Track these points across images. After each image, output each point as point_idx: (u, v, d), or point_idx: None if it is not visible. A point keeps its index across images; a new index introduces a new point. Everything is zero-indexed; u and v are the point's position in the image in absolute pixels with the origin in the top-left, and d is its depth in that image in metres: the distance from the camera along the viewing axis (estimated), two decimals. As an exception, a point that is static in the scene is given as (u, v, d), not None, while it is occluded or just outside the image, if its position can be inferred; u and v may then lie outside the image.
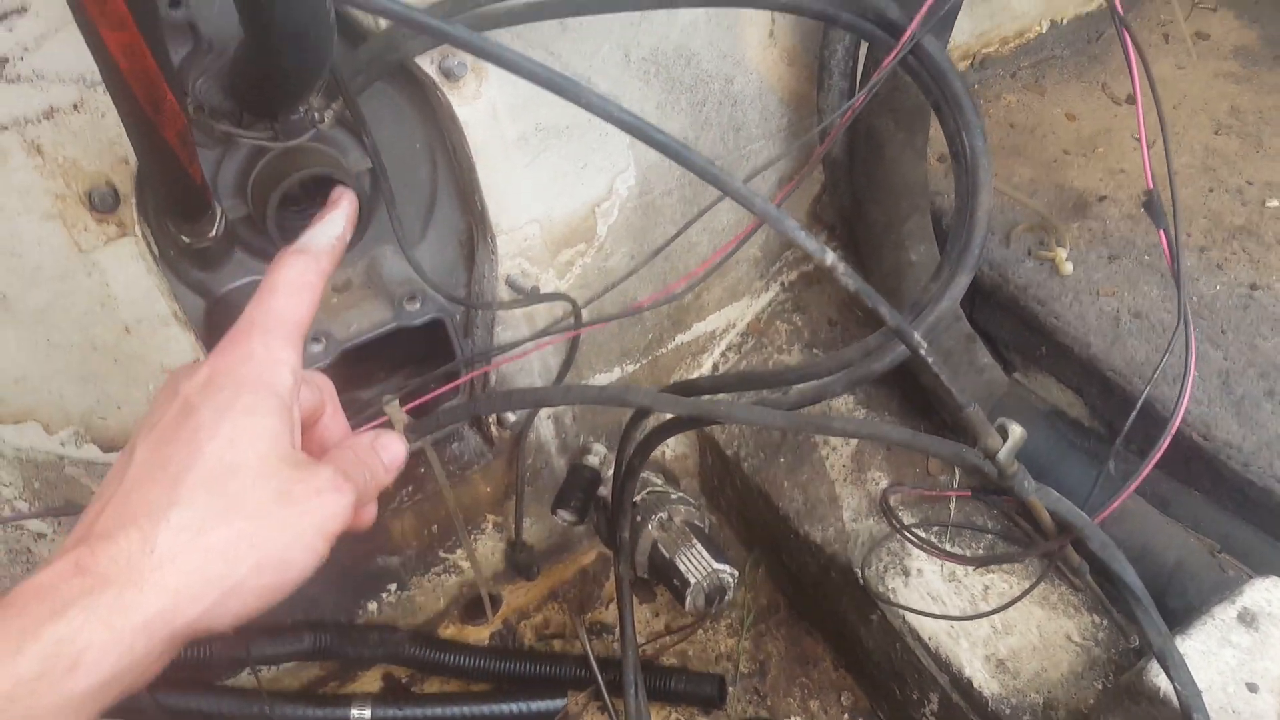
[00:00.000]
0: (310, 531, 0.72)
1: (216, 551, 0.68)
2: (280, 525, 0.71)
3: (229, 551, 0.68)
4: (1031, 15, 2.35)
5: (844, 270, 0.80)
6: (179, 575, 0.66)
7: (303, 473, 0.74)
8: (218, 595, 0.68)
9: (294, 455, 0.74)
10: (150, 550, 0.66)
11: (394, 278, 1.66)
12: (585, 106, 0.75)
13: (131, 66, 0.92)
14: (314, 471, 0.74)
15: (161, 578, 0.65)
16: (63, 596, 0.63)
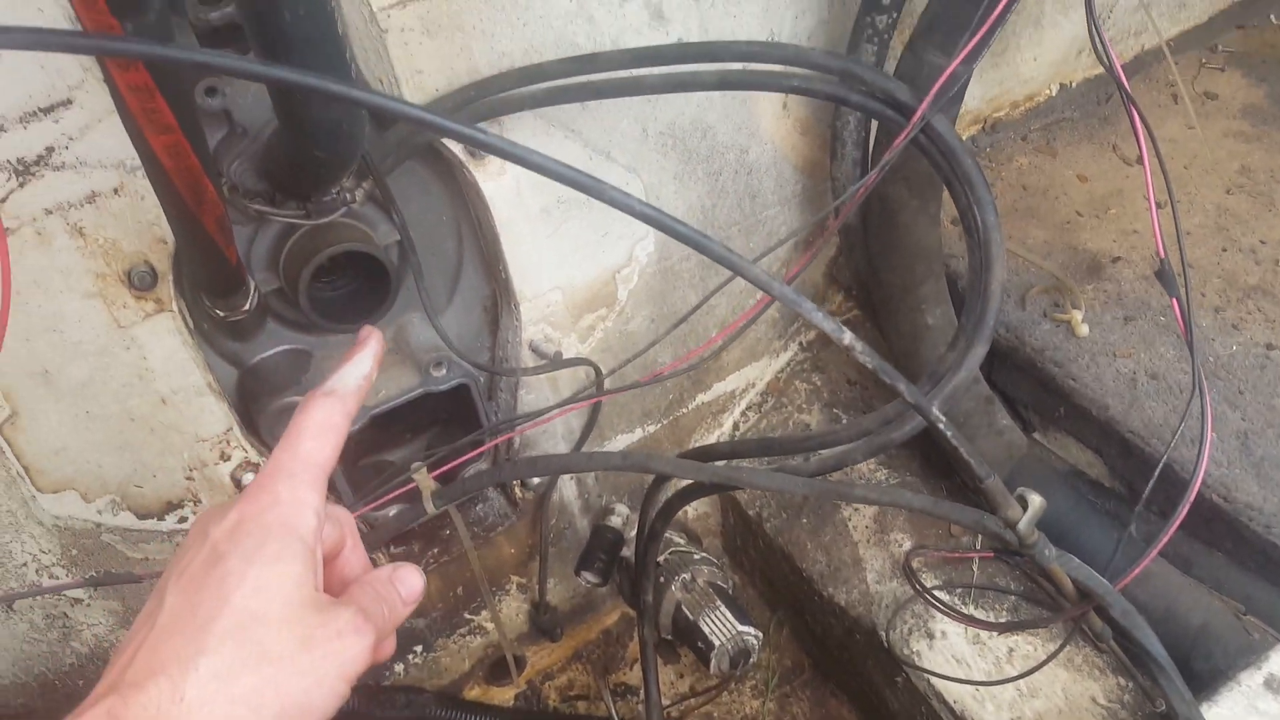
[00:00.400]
0: (332, 675, 0.74)
1: (242, 699, 0.69)
2: (303, 671, 0.72)
3: (254, 699, 0.69)
4: (1040, 79, 2.39)
5: (862, 349, 0.83)
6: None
7: (324, 616, 0.75)
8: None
9: (316, 599, 0.76)
10: (179, 699, 0.67)
11: (421, 345, 1.70)
12: (609, 203, 0.78)
13: (175, 165, 0.97)
14: (335, 614, 0.76)
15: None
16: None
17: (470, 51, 1.47)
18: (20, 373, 1.40)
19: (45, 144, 1.28)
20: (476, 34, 1.46)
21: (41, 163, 1.29)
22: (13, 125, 1.25)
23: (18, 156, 1.27)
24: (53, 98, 1.25)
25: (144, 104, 0.83)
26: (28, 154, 1.27)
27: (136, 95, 0.81)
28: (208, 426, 1.58)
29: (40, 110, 1.26)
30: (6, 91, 1.22)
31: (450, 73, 1.47)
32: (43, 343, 1.40)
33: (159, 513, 1.62)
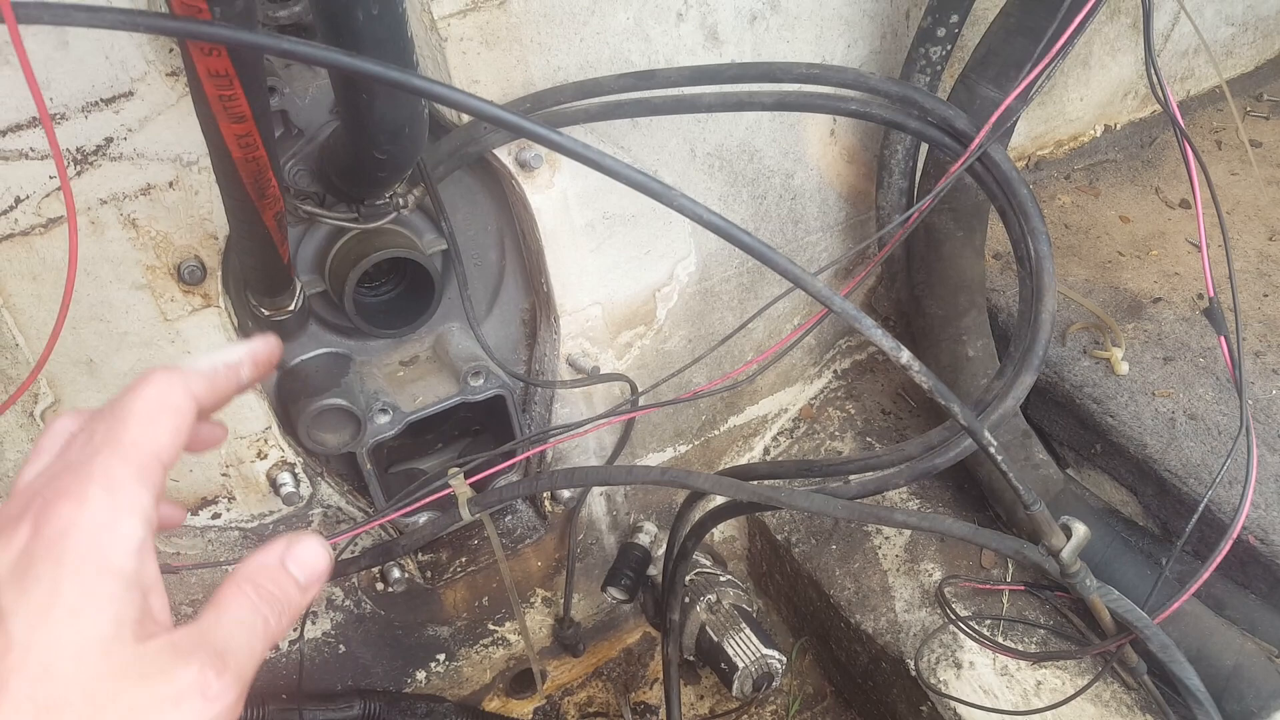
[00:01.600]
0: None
1: None
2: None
3: None
4: (1086, 120, 2.40)
5: (919, 368, 0.84)
6: None
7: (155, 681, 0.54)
8: None
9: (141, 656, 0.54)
10: None
11: (460, 354, 1.71)
12: (678, 209, 0.79)
13: (244, 156, 0.98)
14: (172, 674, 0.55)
15: None
16: None
17: (527, 64, 1.49)
18: (65, 360, 1.42)
19: (105, 134, 1.30)
20: (534, 47, 1.48)
21: (100, 153, 1.30)
22: (74, 114, 1.26)
23: (77, 145, 1.29)
24: (115, 89, 1.27)
25: (221, 91, 0.84)
26: (87, 143, 1.29)
27: (215, 82, 0.83)
28: (247, 424, 1.59)
29: (102, 101, 1.27)
30: (70, 80, 1.24)
31: (506, 84, 1.49)
32: (89, 331, 1.41)
33: (193, 507, 1.63)
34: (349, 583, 1.84)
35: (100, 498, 0.56)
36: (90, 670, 0.52)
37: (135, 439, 0.59)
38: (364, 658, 1.92)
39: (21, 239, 1.30)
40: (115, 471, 0.57)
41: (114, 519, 0.56)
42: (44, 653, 0.52)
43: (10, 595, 0.53)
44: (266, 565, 0.63)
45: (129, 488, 0.57)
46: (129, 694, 0.53)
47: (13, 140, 1.24)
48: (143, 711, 0.53)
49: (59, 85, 1.24)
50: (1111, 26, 2.24)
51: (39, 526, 0.55)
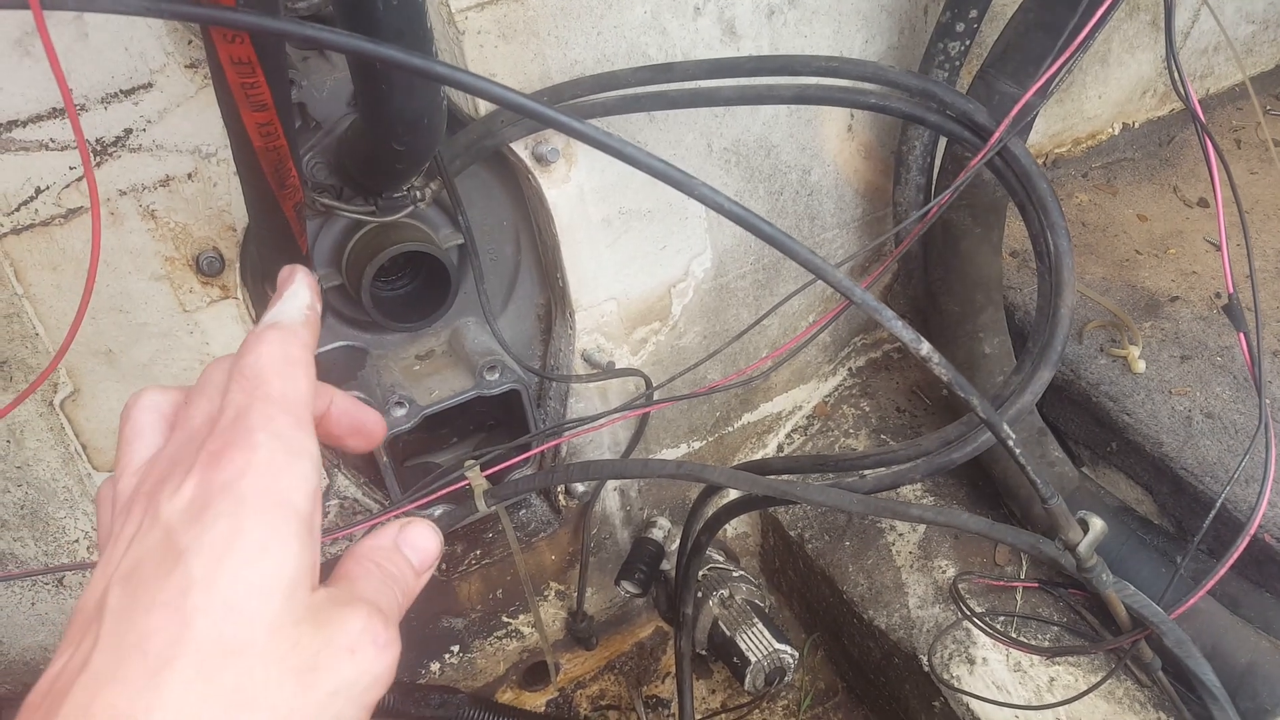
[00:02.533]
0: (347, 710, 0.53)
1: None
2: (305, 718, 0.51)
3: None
4: (1104, 118, 2.39)
5: (939, 361, 0.84)
6: None
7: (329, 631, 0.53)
8: None
9: (314, 606, 0.54)
10: None
11: (476, 348, 1.71)
12: (699, 199, 0.79)
13: (265, 145, 0.98)
14: (343, 624, 0.54)
15: None
16: None
17: (544, 57, 1.49)
18: (84, 350, 1.43)
19: (124, 125, 1.30)
20: (551, 40, 1.48)
21: (119, 144, 1.31)
22: (94, 105, 1.27)
23: (96, 137, 1.29)
24: (134, 80, 1.28)
25: (243, 79, 0.84)
26: (106, 134, 1.30)
27: (237, 70, 0.83)
28: (264, 415, 1.59)
29: (121, 92, 1.28)
30: (90, 72, 1.25)
31: (523, 77, 1.49)
32: (108, 322, 1.42)
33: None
34: (364, 574, 1.84)
35: (270, 443, 0.55)
36: (273, 612, 0.51)
37: (281, 391, 0.58)
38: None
39: (42, 229, 1.31)
40: (277, 420, 0.56)
41: (289, 462, 0.55)
42: (228, 591, 0.50)
43: (188, 535, 0.51)
44: (382, 547, 0.62)
45: (294, 434, 0.56)
46: (309, 639, 0.52)
47: (33, 131, 1.25)
48: (320, 662, 0.52)
49: (78, 77, 1.24)
50: (1131, 24, 2.23)
51: (210, 473, 0.53)
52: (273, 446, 0.54)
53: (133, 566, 0.52)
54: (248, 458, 0.53)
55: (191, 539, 0.51)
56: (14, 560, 1.56)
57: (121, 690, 0.48)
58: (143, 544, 0.53)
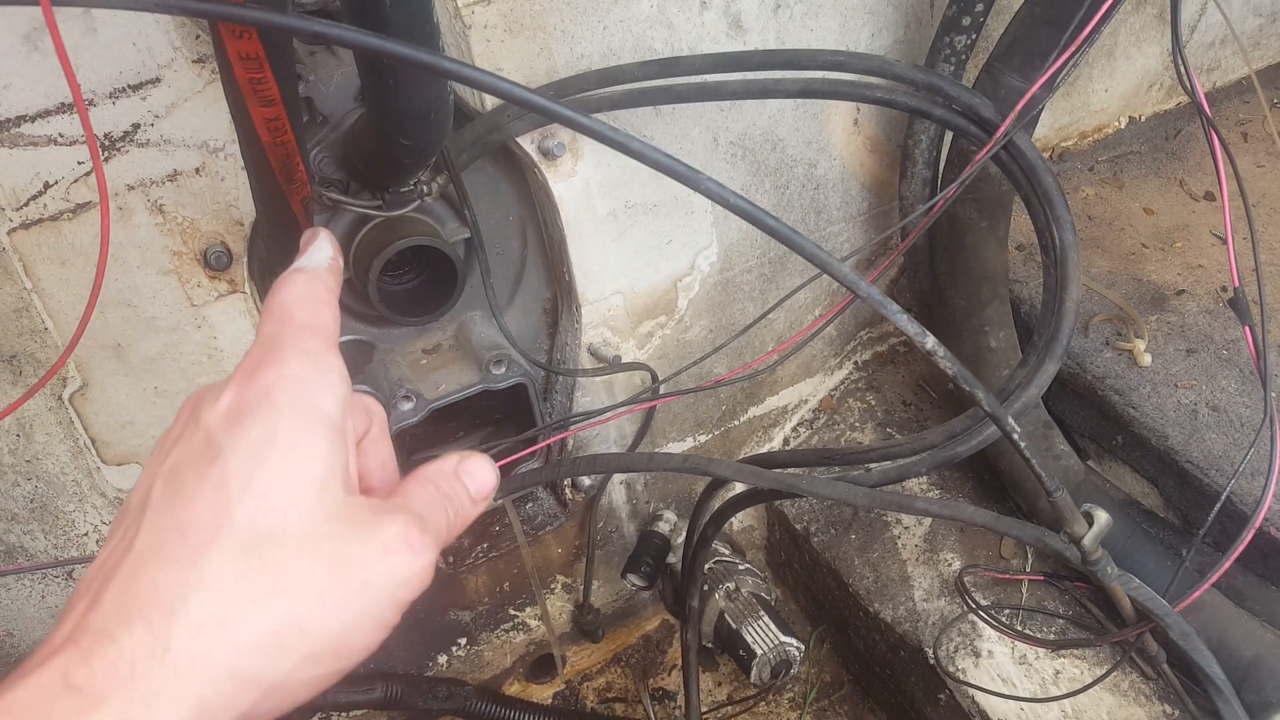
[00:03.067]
0: (379, 605, 0.56)
1: (254, 644, 0.52)
2: (339, 604, 0.54)
3: (271, 643, 0.52)
4: (1110, 111, 2.39)
5: (944, 354, 0.84)
6: (203, 681, 0.50)
7: (364, 529, 0.56)
8: (257, 696, 0.52)
9: (350, 504, 0.57)
10: (164, 651, 0.49)
11: (482, 342, 1.71)
12: (705, 193, 0.79)
13: (273, 140, 0.98)
14: (379, 525, 0.57)
15: (179, 689, 0.49)
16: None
17: (550, 52, 1.49)
18: (93, 345, 1.43)
19: (132, 120, 1.31)
20: (557, 35, 1.48)
21: (127, 139, 1.32)
22: (102, 100, 1.28)
23: (104, 132, 1.30)
24: (142, 75, 1.28)
25: (251, 74, 0.85)
26: (114, 129, 1.30)
27: (245, 65, 0.83)
28: (271, 409, 1.59)
29: (129, 87, 1.29)
30: (98, 67, 1.25)
31: (529, 71, 1.49)
32: (116, 316, 1.43)
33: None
34: (371, 567, 1.85)
35: (300, 359, 0.59)
36: (306, 506, 0.55)
37: (308, 319, 0.62)
38: (386, 641, 1.90)
39: (50, 224, 1.32)
40: (305, 341, 0.60)
41: (318, 374, 0.59)
42: (262, 484, 0.54)
43: (226, 436, 0.56)
44: (443, 471, 0.66)
45: (323, 352, 0.61)
46: (340, 535, 0.55)
47: (42, 126, 1.25)
48: (353, 555, 0.55)
49: (87, 72, 1.25)
50: (1137, 17, 2.23)
51: (244, 386, 0.58)
52: (303, 361, 0.59)
53: (174, 466, 0.56)
54: (280, 371, 0.58)
55: (229, 439, 0.55)
56: (24, 553, 1.56)
57: (163, 568, 0.52)
58: (184, 446, 0.57)
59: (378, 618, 0.56)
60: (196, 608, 0.51)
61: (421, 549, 0.58)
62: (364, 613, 0.55)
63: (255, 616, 0.52)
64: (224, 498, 0.54)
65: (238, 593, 0.52)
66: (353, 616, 0.55)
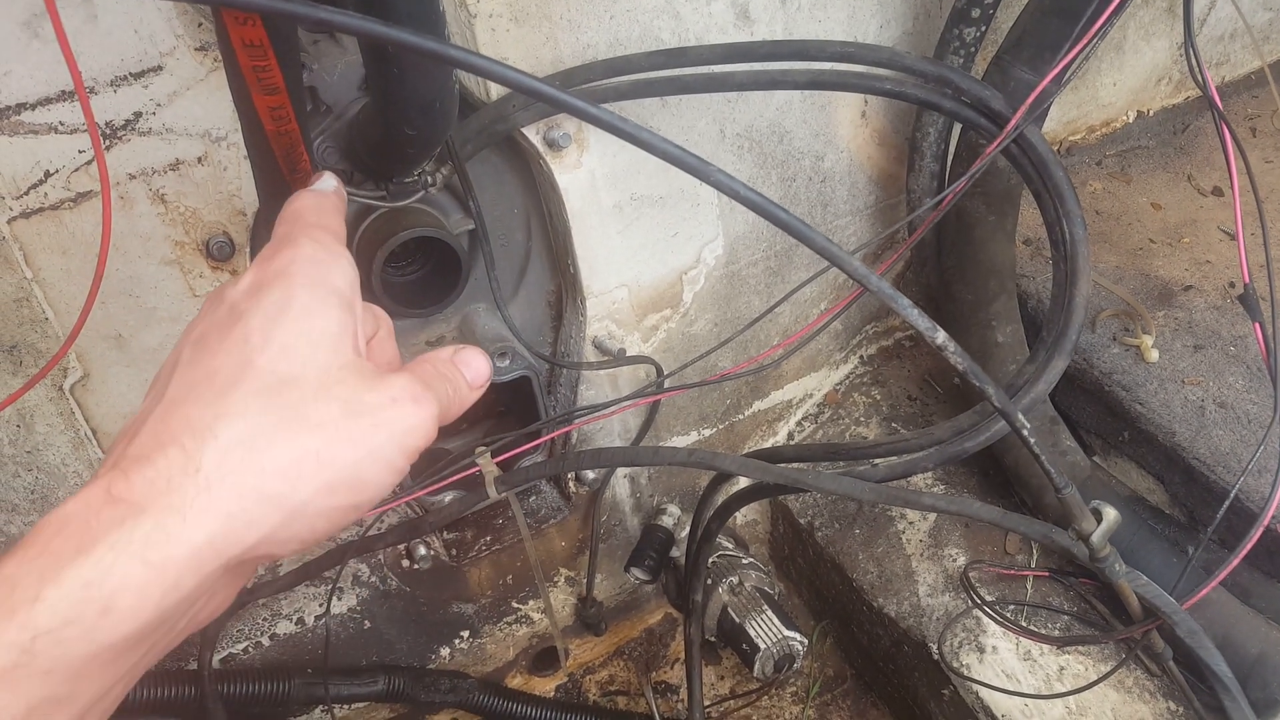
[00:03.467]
0: (388, 446, 0.62)
1: (276, 469, 0.58)
2: (351, 439, 0.60)
3: (291, 469, 0.58)
4: (1119, 105, 2.38)
5: (954, 349, 0.83)
6: (231, 497, 0.56)
7: (373, 381, 0.64)
8: (280, 519, 0.58)
9: (359, 363, 0.64)
10: (195, 470, 0.56)
11: (486, 334, 1.71)
12: (714, 185, 0.78)
13: (276, 129, 0.98)
14: (386, 380, 0.64)
15: (209, 501, 0.55)
16: (90, 531, 0.53)
17: (556, 41, 1.48)
18: (94, 334, 1.42)
19: (133, 109, 1.30)
20: (563, 24, 1.47)
21: (128, 127, 1.31)
22: (103, 88, 1.26)
23: (106, 120, 1.29)
24: (144, 63, 1.27)
25: (255, 62, 0.84)
26: (115, 118, 1.29)
27: (249, 52, 0.83)
28: (274, 400, 1.59)
29: (131, 75, 1.27)
30: (99, 54, 1.24)
31: (535, 61, 1.48)
32: (117, 306, 1.42)
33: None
34: (375, 559, 1.85)
35: (312, 245, 0.68)
36: (321, 358, 0.62)
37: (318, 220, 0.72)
38: (389, 633, 1.93)
39: (51, 213, 1.31)
40: (317, 234, 0.69)
41: (330, 257, 0.68)
42: (281, 338, 0.62)
43: (247, 304, 0.63)
44: (440, 357, 0.73)
45: (333, 243, 0.70)
46: (352, 384, 0.63)
47: (42, 114, 1.24)
48: (364, 401, 0.62)
49: (88, 59, 1.24)
50: (1147, 10, 2.21)
51: (262, 268, 0.66)
52: (315, 247, 0.68)
53: (201, 334, 0.64)
54: (295, 253, 0.67)
55: (250, 306, 0.63)
56: (25, 544, 1.56)
57: (194, 406, 0.59)
58: (209, 319, 0.65)
59: (387, 458, 0.62)
60: (226, 433, 0.57)
61: (425, 402, 0.65)
62: (374, 450, 0.61)
63: (278, 444, 0.58)
64: (247, 350, 0.61)
65: (262, 423, 0.58)
66: (364, 453, 0.61)
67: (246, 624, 1.80)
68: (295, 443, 0.59)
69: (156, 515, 0.54)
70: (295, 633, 1.84)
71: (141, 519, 0.54)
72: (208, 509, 0.56)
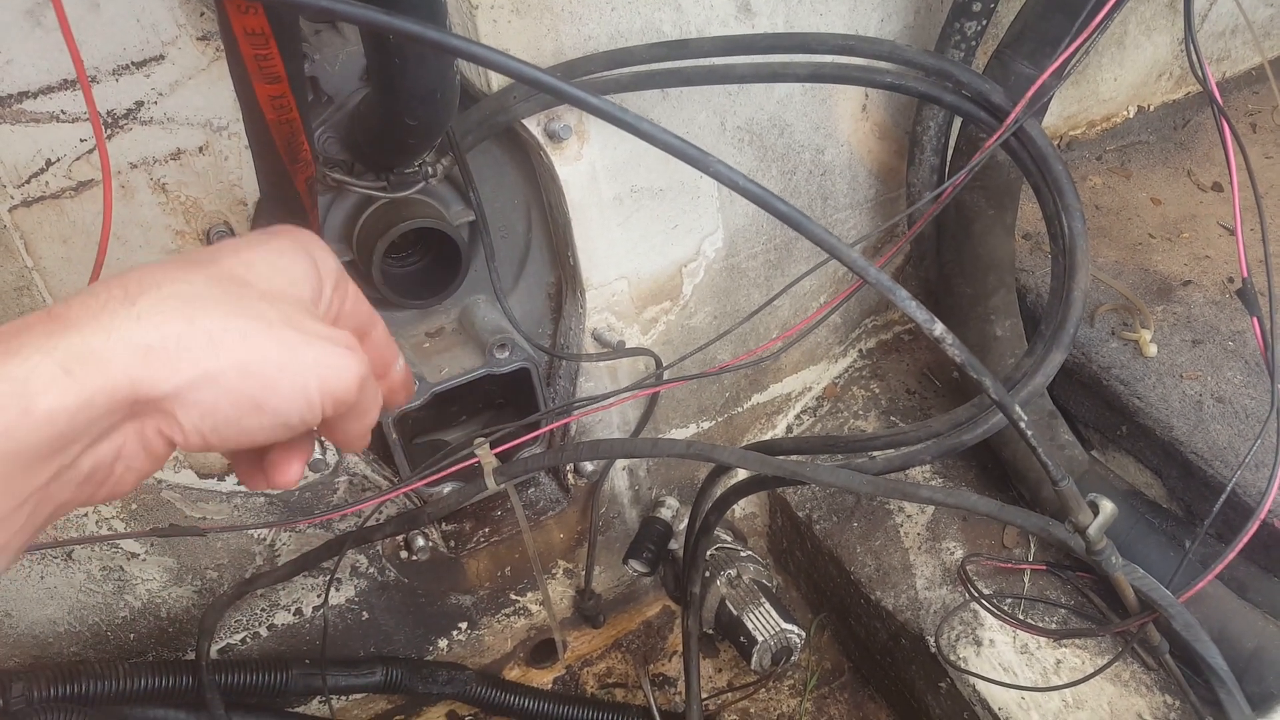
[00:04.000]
0: (308, 371, 0.63)
1: (202, 329, 0.59)
2: (279, 341, 0.62)
3: (217, 335, 0.60)
4: (1119, 101, 2.38)
5: (952, 341, 0.83)
6: (154, 332, 0.58)
7: (315, 321, 0.65)
8: (193, 376, 0.59)
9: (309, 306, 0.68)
10: (131, 303, 0.58)
11: (486, 326, 1.71)
12: (714, 176, 0.79)
13: (278, 118, 0.98)
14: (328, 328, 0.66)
15: (134, 331, 0.58)
16: (24, 338, 0.56)
17: (557, 33, 1.48)
18: (95, 324, 1.42)
19: (135, 98, 1.30)
20: (565, 16, 1.47)
21: (130, 116, 1.31)
22: (105, 77, 1.26)
23: (107, 109, 1.29)
24: (146, 52, 1.27)
25: (257, 51, 0.84)
26: (117, 107, 1.29)
27: (251, 41, 0.83)
28: (274, 391, 1.59)
29: (133, 64, 1.27)
30: (101, 43, 1.24)
31: (536, 53, 1.48)
32: (118, 295, 1.41)
33: (219, 473, 1.64)
34: (373, 550, 1.85)
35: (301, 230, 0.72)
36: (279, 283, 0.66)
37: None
38: (387, 625, 1.93)
39: (52, 202, 1.31)
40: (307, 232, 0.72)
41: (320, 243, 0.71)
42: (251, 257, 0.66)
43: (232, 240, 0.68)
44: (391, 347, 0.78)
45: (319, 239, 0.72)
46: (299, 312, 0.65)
47: (44, 102, 1.24)
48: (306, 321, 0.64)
49: (90, 48, 1.24)
50: (1148, 5, 2.21)
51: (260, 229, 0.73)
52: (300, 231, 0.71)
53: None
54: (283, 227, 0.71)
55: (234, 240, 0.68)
56: (24, 533, 1.56)
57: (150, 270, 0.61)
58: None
59: (304, 384, 0.62)
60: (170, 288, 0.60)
61: (355, 356, 0.66)
62: (297, 367, 0.62)
63: (212, 313, 0.60)
64: (218, 254, 0.65)
65: (206, 293, 0.61)
66: (288, 359, 0.62)
67: (244, 614, 1.81)
68: (229, 319, 0.60)
69: (84, 332, 0.57)
70: (293, 623, 1.85)
71: (69, 333, 0.56)
72: (130, 339, 0.57)
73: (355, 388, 0.66)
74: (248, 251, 0.66)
